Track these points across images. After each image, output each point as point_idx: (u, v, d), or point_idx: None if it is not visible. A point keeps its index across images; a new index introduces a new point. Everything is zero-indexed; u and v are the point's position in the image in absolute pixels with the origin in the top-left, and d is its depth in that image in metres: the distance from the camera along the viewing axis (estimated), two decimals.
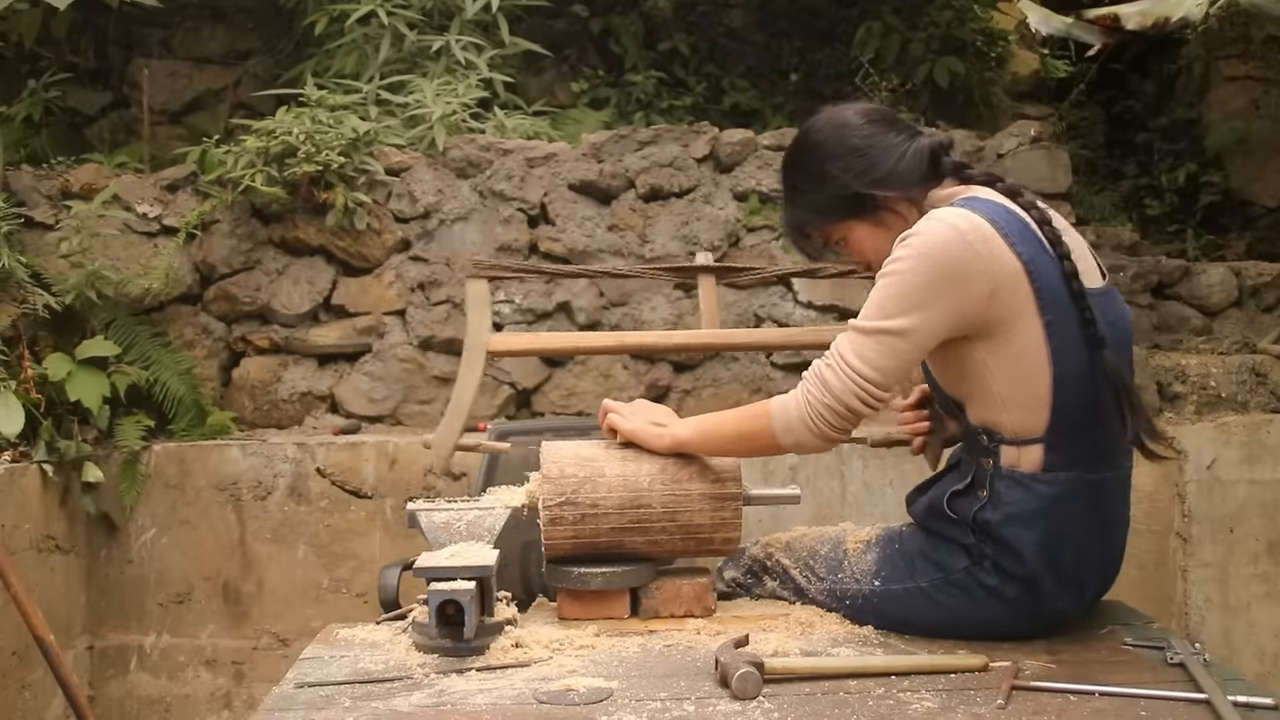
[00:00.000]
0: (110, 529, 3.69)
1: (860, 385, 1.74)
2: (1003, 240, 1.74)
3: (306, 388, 3.97)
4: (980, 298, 1.73)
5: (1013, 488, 1.78)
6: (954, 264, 1.72)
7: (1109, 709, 1.50)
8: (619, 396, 3.94)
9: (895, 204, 1.89)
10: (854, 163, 1.88)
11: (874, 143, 1.88)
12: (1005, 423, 1.78)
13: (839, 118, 1.93)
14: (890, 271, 1.76)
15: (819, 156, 1.91)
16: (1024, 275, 1.74)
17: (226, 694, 3.71)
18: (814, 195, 1.93)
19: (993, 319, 1.74)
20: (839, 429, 1.77)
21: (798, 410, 1.78)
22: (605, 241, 3.95)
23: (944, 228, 1.74)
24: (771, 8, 4.88)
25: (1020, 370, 1.75)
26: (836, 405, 1.75)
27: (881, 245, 1.90)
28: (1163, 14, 5.90)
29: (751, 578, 2.14)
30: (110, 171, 4.05)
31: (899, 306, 1.73)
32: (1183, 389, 3.99)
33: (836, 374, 1.75)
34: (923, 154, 1.88)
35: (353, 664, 1.75)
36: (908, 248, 1.75)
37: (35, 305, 3.62)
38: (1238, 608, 3.71)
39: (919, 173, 1.88)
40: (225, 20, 4.75)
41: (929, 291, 1.72)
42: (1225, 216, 5.51)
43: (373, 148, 3.95)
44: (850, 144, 1.89)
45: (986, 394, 1.79)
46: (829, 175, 1.89)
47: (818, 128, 1.94)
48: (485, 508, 1.97)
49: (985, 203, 1.80)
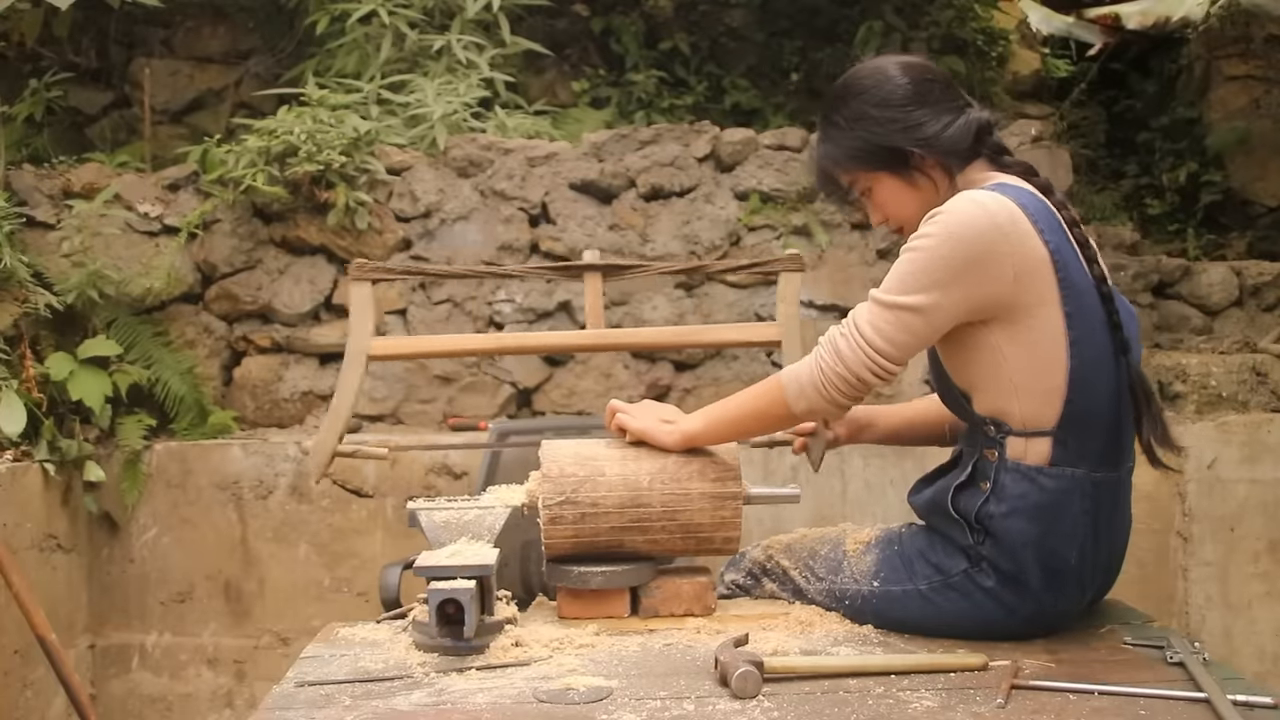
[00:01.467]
0: (112, 528, 3.69)
1: (872, 358, 1.74)
2: (1031, 226, 1.74)
3: (308, 387, 3.97)
4: (1004, 281, 1.72)
5: (1018, 480, 1.77)
6: (980, 244, 1.71)
7: (1109, 708, 1.50)
8: (620, 395, 3.94)
9: (931, 168, 1.88)
10: (902, 116, 1.86)
11: (927, 101, 1.86)
12: (1015, 413, 1.77)
13: (891, 69, 1.90)
14: (916, 247, 1.75)
15: (866, 100, 1.88)
16: (1050, 264, 1.73)
17: (228, 693, 3.71)
18: (853, 138, 1.90)
19: (1014, 304, 1.73)
20: (850, 396, 1.78)
21: (810, 376, 1.78)
22: (606, 241, 3.95)
23: (974, 207, 1.73)
24: (772, 7, 4.87)
25: (1036, 359, 1.75)
26: (848, 375, 1.75)
27: (906, 204, 1.90)
28: (1163, 13, 5.90)
29: (751, 580, 2.14)
30: (112, 171, 4.05)
31: (920, 283, 1.73)
32: (1183, 388, 3.99)
33: (850, 344, 1.75)
34: (971, 127, 1.86)
35: (353, 663, 1.75)
36: (936, 224, 1.74)
37: (37, 305, 3.62)
38: (1238, 607, 3.71)
39: (964, 145, 1.86)
40: (226, 20, 4.75)
41: (952, 271, 1.71)
42: (1226, 216, 5.50)
43: (374, 147, 3.95)
44: (901, 95, 1.86)
45: (998, 381, 1.77)
46: (873, 120, 1.87)
47: (870, 72, 1.91)
48: (485, 507, 1.97)
49: (1017, 189, 1.80)
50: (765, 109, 4.73)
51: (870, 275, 3.99)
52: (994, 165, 1.88)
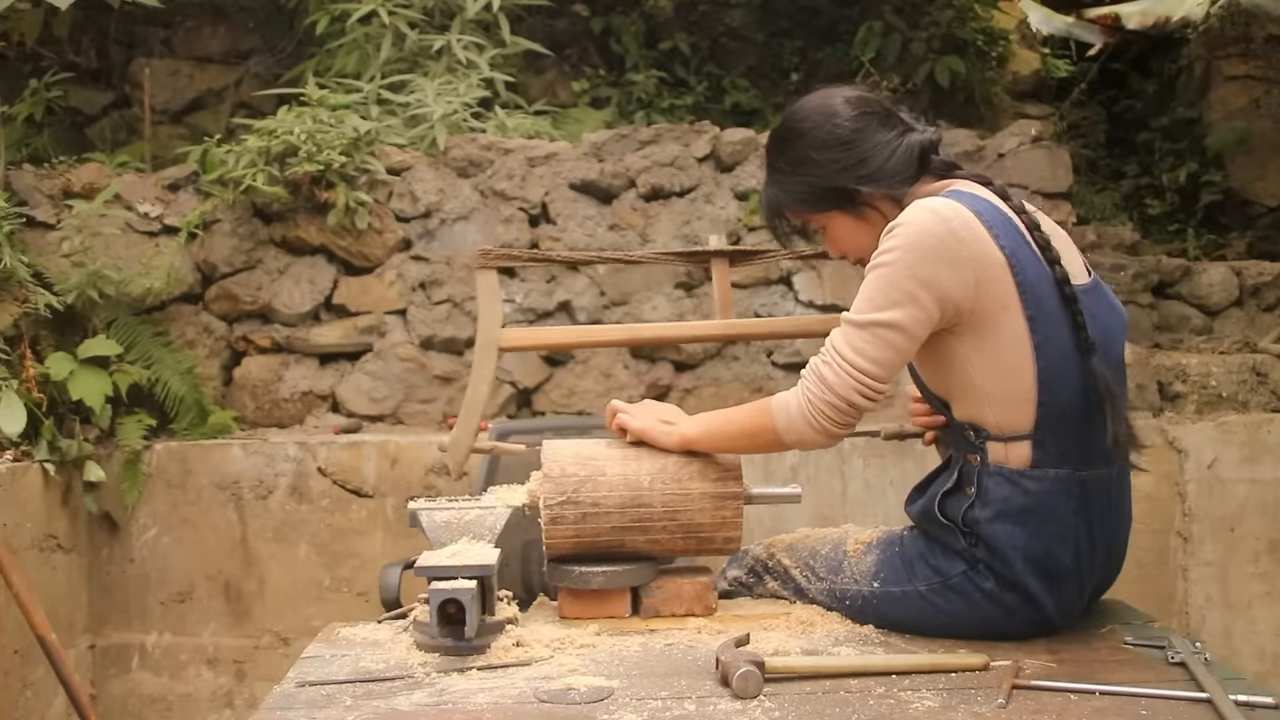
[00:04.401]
0: (112, 528, 3.69)
1: (859, 379, 1.73)
2: (985, 231, 1.74)
3: (308, 387, 3.97)
4: (967, 285, 1.72)
5: (1001, 484, 1.77)
6: (940, 250, 1.72)
7: (1110, 708, 1.50)
8: (620, 396, 3.94)
9: (878, 201, 1.88)
10: (842, 156, 1.86)
11: (864, 137, 1.86)
12: (989, 418, 1.77)
13: (830, 106, 1.89)
14: (880, 263, 1.75)
15: (807, 144, 1.89)
16: (1007, 268, 1.73)
17: (228, 693, 3.71)
18: (797, 182, 1.91)
19: (977, 310, 1.73)
20: (841, 424, 1.77)
21: (799, 408, 1.77)
22: (606, 241, 3.95)
23: (929, 215, 1.74)
24: (772, 7, 4.88)
25: (1002, 365, 1.75)
26: (836, 401, 1.74)
27: (860, 239, 1.90)
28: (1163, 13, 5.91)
29: (753, 577, 2.14)
30: (112, 171, 4.05)
31: (889, 298, 1.73)
32: (1183, 388, 3.99)
33: (834, 370, 1.74)
34: (913, 151, 1.86)
35: (354, 663, 1.75)
36: (895, 238, 1.74)
37: (37, 305, 3.62)
38: (1238, 607, 3.71)
39: (908, 171, 1.86)
40: (226, 20, 4.76)
41: (919, 280, 1.72)
42: (1226, 216, 5.51)
43: (374, 147, 3.95)
44: (839, 135, 1.86)
45: (969, 389, 1.78)
46: (815, 163, 1.87)
47: (808, 114, 1.91)
48: (486, 507, 1.97)
49: (969, 195, 1.80)
50: (765, 109, 4.73)
51: None
52: (941, 179, 1.88)
